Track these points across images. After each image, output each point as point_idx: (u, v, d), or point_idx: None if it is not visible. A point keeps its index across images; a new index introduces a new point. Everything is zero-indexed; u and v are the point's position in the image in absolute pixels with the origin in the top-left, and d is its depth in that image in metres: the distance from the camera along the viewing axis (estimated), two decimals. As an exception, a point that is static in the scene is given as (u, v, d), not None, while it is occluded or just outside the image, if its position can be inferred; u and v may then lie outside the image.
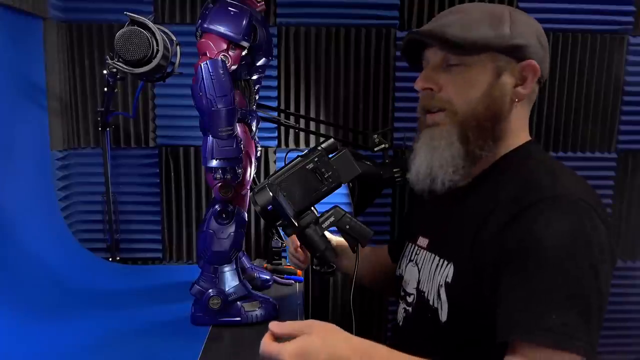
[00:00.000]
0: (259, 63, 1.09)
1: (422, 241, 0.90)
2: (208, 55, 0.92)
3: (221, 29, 0.93)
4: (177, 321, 1.06)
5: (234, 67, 0.94)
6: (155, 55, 0.93)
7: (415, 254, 0.91)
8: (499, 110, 0.80)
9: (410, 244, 0.95)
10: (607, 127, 1.65)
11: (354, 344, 0.67)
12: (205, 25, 0.94)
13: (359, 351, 0.66)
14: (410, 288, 0.89)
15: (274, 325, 0.68)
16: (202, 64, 0.90)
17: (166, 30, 0.97)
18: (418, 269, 0.88)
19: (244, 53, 0.97)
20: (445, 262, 0.81)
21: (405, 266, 0.94)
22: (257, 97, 1.19)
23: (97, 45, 1.55)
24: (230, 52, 0.93)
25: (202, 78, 0.89)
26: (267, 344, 0.67)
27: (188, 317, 1.04)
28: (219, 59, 0.91)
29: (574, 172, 0.78)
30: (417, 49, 0.88)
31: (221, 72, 0.90)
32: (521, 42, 0.78)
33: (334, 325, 0.70)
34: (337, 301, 1.68)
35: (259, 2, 1.03)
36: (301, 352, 0.64)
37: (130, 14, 0.93)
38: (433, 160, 0.82)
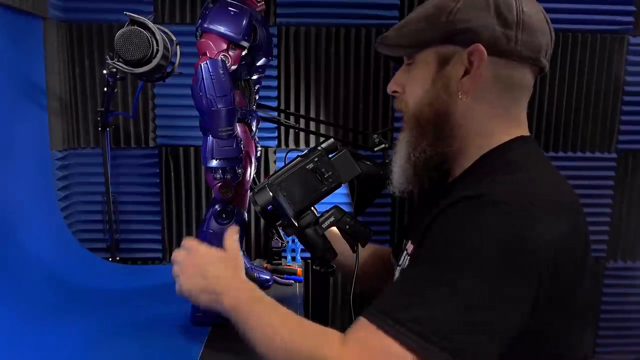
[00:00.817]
0: (259, 63, 1.09)
1: (409, 246, 0.89)
2: (208, 55, 0.92)
3: (221, 28, 0.93)
4: (177, 321, 1.05)
5: (234, 67, 0.94)
6: (155, 55, 0.93)
7: (403, 258, 0.90)
8: (443, 105, 0.74)
9: (404, 244, 0.94)
10: (607, 127, 1.65)
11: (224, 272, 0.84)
12: (205, 25, 0.94)
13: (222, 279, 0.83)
14: None
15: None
16: (202, 64, 0.90)
17: (166, 30, 0.97)
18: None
19: (244, 53, 0.96)
20: None
21: (396, 270, 0.93)
22: (257, 97, 1.19)
23: (97, 45, 1.55)
24: (230, 52, 0.93)
25: (202, 78, 0.89)
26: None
27: (188, 317, 1.04)
28: (219, 59, 0.91)
29: (540, 172, 0.70)
30: None
31: (221, 72, 0.90)
32: (461, 25, 0.70)
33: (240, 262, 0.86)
34: (337, 301, 1.68)
35: (259, 2, 1.03)
36: (192, 247, 0.87)
37: (130, 13, 0.93)
38: (394, 163, 0.82)
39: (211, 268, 0.84)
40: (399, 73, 0.82)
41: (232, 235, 0.89)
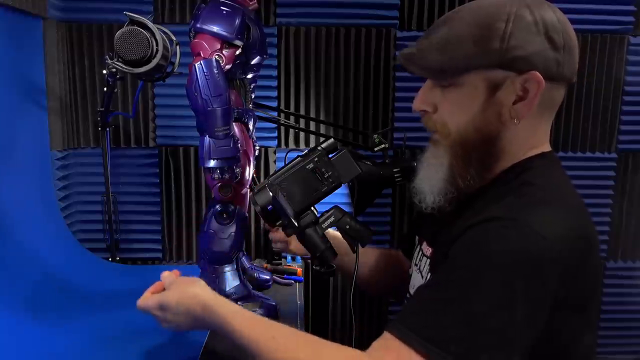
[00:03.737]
0: (254, 61, 1.09)
1: (427, 249, 0.88)
2: (202, 55, 0.92)
3: (214, 28, 0.93)
4: (177, 321, 1.05)
5: (228, 67, 0.94)
6: (155, 55, 0.93)
7: (419, 259, 0.90)
8: (493, 132, 0.72)
9: (418, 245, 0.93)
10: (607, 127, 1.65)
11: (203, 299, 0.77)
12: (198, 26, 0.93)
13: (207, 307, 0.76)
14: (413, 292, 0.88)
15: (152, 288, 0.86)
16: (196, 65, 0.89)
17: (166, 30, 0.97)
18: (421, 276, 0.86)
19: (238, 52, 0.96)
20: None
21: (413, 269, 0.92)
22: (252, 96, 1.19)
23: (97, 45, 1.55)
24: (224, 52, 0.93)
25: (197, 78, 0.89)
26: (142, 297, 0.84)
27: (188, 317, 1.04)
28: (213, 58, 0.91)
29: (552, 192, 0.69)
30: None
31: (215, 72, 0.90)
32: (518, 53, 0.68)
33: (195, 280, 0.81)
34: (337, 301, 1.68)
35: (251, 1, 1.03)
36: (160, 305, 0.80)
37: (129, 13, 0.93)
38: (425, 179, 0.79)
39: (181, 318, 0.80)
40: (428, 90, 0.77)
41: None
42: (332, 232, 0.93)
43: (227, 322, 0.74)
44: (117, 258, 1.57)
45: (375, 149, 1.37)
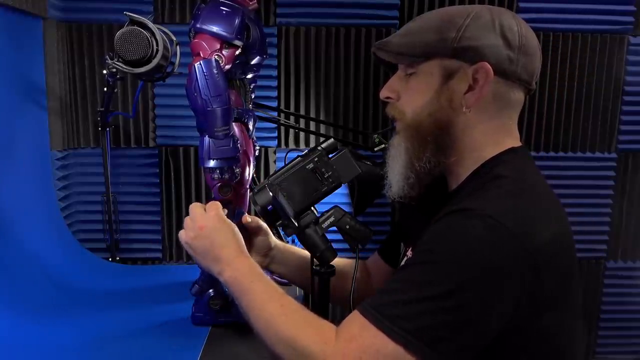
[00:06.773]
0: (254, 62, 1.09)
1: (410, 254, 0.89)
2: (202, 55, 0.92)
3: (214, 28, 0.93)
4: (177, 321, 1.06)
5: (228, 67, 0.94)
6: (155, 55, 0.93)
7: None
8: (444, 117, 0.75)
9: (404, 253, 0.94)
10: (607, 127, 1.65)
11: (229, 245, 0.84)
12: (198, 26, 0.93)
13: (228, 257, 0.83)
14: None
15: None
16: (196, 65, 0.89)
17: (166, 30, 0.97)
18: None
19: (237, 52, 0.96)
20: None
21: None
22: (252, 96, 1.19)
23: (97, 45, 1.55)
24: (223, 52, 0.93)
25: (197, 78, 0.89)
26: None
27: (188, 317, 1.04)
28: (213, 59, 0.91)
29: (524, 185, 0.71)
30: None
31: (215, 72, 0.90)
32: (470, 43, 0.72)
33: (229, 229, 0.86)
34: (337, 301, 1.68)
35: (251, 1, 1.03)
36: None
37: (129, 13, 0.93)
38: (390, 170, 0.82)
39: (211, 240, 0.85)
40: (394, 80, 0.82)
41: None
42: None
43: (227, 265, 0.82)
44: (117, 258, 1.57)
45: (375, 149, 1.37)
